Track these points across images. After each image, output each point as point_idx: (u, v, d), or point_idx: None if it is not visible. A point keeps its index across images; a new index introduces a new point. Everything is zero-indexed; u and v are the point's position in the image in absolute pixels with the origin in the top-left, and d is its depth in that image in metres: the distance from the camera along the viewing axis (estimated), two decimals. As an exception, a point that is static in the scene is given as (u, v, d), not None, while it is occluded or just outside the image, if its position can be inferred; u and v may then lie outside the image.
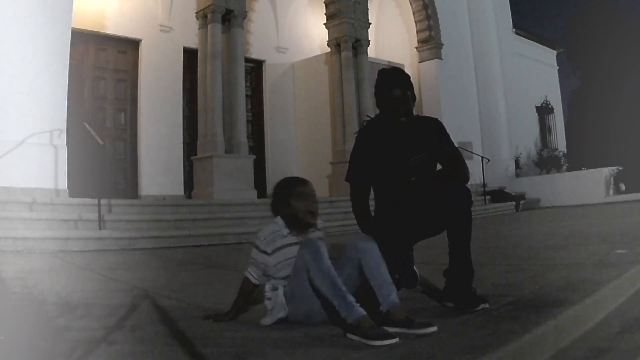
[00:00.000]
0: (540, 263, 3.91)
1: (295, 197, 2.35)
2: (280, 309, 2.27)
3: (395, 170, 2.52)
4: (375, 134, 2.58)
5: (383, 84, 2.59)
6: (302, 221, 2.36)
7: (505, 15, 16.59)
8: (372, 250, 2.25)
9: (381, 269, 2.22)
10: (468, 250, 2.40)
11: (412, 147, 2.53)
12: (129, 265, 4.97)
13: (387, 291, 2.18)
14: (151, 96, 9.86)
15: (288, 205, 2.36)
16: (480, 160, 12.86)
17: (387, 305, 2.15)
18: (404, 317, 2.09)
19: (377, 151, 2.54)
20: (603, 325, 2.39)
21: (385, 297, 2.17)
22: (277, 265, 2.33)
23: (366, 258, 2.23)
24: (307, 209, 2.35)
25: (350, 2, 11.52)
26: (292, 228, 2.38)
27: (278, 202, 2.40)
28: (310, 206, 2.36)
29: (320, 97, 11.79)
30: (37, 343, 2.06)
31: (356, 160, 2.56)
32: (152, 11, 10.06)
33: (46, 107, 6.97)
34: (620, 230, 5.94)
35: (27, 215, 6.21)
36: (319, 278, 2.14)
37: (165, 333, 2.23)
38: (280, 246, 2.34)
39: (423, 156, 2.52)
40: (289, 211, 2.36)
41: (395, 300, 2.16)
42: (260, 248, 2.36)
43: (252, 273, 2.38)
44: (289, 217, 2.38)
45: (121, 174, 9.71)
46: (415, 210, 2.44)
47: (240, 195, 8.77)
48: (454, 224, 2.37)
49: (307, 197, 2.36)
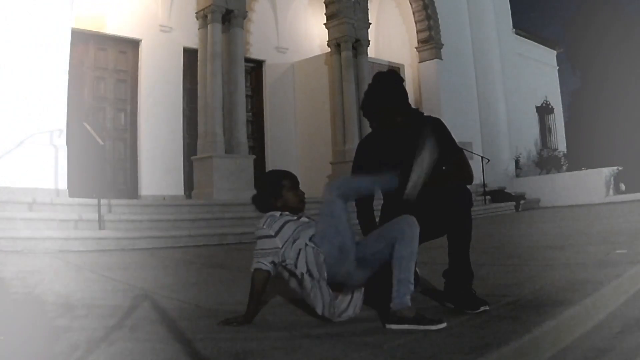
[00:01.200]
0: (540, 263, 3.91)
1: (286, 189, 2.43)
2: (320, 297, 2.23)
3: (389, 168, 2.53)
4: (371, 144, 2.65)
5: (365, 100, 2.60)
6: (293, 209, 2.43)
7: (505, 15, 16.59)
8: (412, 236, 2.19)
9: (411, 263, 2.19)
10: (467, 253, 2.40)
11: (410, 151, 2.51)
12: (129, 265, 4.97)
13: (405, 290, 2.15)
14: (151, 96, 9.86)
15: (280, 197, 2.43)
16: (480, 160, 12.86)
17: (399, 305, 2.13)
18: (414, 315, 2.10)
19: (374, 159, 2.59)
20: (603, 325, 2.39)
21: (401, 295, 2.14)
22: (284, 245, 2.29)
23: (403, 242, 2.17)
24: (298, 197, 2.45)
25: (350, 2, 11.52)
26: (290, 211, 2.44)
27: (270, 196, 2.44)
28: (300, 195, 2.46)
29: (320, 97, 11.79)
30: (37, 343, 2.06)
31: (354, 171, 2.65)
32: (152, 11, 10.06)
33: (46, 107, 6.96)
34: (620, 230, 5.94)
35: (27, 215, 6.20)
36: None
37: (165, 333, 2.23)
38: (280, 225, 2.33)
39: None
40: (282, 202, 2.42)
41: (408, 303, 2.14)
42: (262, 235, 2.31)
43: (262, 261, 2.29)
44: (280, 209, 2.41)
45: (121, 174, 9.71)
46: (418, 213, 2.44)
47: (240, 195, 8.76)
48: (454, 226, 2.37)
49: (295, 186, 2.46)
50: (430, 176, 2.35)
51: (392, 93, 2.54)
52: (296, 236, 2.31)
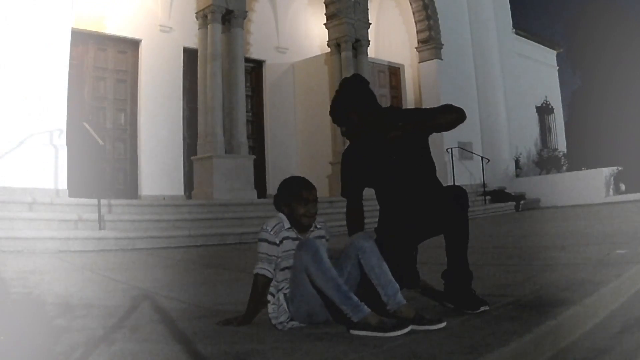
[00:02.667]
0: (540, 263, 3.91)
1: (296, 199, 2.35)
2: (282, 312, 2.26)
3: (379, 172, 2.55)
4: (353, 150, 2.66)
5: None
6: (297, 222, 2.36)
7: (505, 15, 16.58)
8: (371, 248, 2.25)
9: (382, 267, 2.23)
10: (465, 254, 2.39)
11: (386, 146, 2.52)
12: (129, 265, 4.97)
13: (392, 290, 2.18)
14: (151, 96, 9.86)
15: (288, 205, 2.36)
16: (480, 160, 12.86)
17: (395, 305, 2.15)
18: (414, 315, 2.10)
19: (359, 163, 2.61)
20: (603, 325, 2.39)
21: (391, 296, 2.17)
22: (281, 255, 2.31)
23: (365, 256, 2.24)
24: (303, 213, 2.34)
25: (350, 2, 11.52)
26: (293, 225, 2.37)
27: (280, 199, 2.41)
28: (308, 211, 2.35)
29: (320, 97, 11.77)
30: (37, 343, 2.06)
31: (346, 181, 2.67)
32: (152, 11, 10.06)
33: (46, 107, 6.96)
34: (620, 230, 5.94)
35: (27, 215, 6.21)
36: (319, 278, 2.14)
37: (165, 333, 2.23)
38: (284, 237, 2.33)
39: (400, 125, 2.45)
40: (288, 210, 2.37)
41: (402, 300, 2.16)
42: (269, 240, 2.31)
43: (265, 267, 2.30)
44: (288, 216, 2.39)
45: (121, 174, 9.71)
46: (413, 212, 2.44)
47: (240, 195, 8.77)
48: (451, 227, 2.37)
49: (307, 202, 2.35)
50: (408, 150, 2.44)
51: (356, 95, 2.55)
52: (291, 254, 2.31)
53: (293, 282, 2.25)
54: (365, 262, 2.23)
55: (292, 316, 2.25)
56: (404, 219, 2.48)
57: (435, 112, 2.50)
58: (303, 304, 2.23)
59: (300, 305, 2.24)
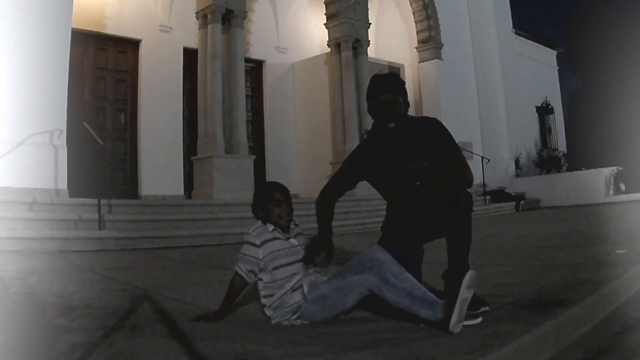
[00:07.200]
0: (540, 263, 3.91)
1: (270, 202, 2.46)
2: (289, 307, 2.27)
3: (392, 177, 2.53)
4: (371, 143, 2.64)
5: (370, 89, 2.61)
6: (275, 224, 2.45)
7: (505, 15, 16.59)
8: (391, 260, 2.22)
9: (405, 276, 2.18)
10: (466, 255, 2.38)
11: (408, 152, 2.51)
12: (129, 265, 4.97)
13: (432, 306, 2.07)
14: (151, 96, 9.86)
15: (264, 209, 2.46)
16: (480, 160, 12.86)
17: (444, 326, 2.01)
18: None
19: (372, 160, 2.60)
20: (603, 325, 2.39)
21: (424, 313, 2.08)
22: (265, 258, 2.38)
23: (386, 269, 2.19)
24: (279, 214, 2.44)
25: (350, 2, 11.52)
26: (275, 226, 2.46)
27: (256, 206, 2.50)
28: (283, 211, 2.45)
29: (320, 97, 11.79)
30: (37, 343, 2.05)
31: (349, 168, 2.67)
32: (152, 11, 10.06)
33: (46, 107, 6.96)
34: (620, 230, 5.94)
35: (27, 215, 6.20)
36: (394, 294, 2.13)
37: (165, 333, 2.22)
38: (267, 239, 2.41)
39: (421, 162, 2.48)
40: (265, 214, 2.46)
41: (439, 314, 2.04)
42: (249, 241, 2.42)
43: (241, 267, 2.42)
44: (267, 220, 2.47)
45: (121, 174, 9.71)
46: (417, 214, 2.43)
47: (240, 195, 8.76)
48: (453, 228, 2.36)
49: (280, 203, 2.45)
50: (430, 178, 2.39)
51: (398, 82, 2.62)
52: (277, 255, 2.36)
53: (336, 290, 2.25)
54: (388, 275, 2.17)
55: (303, 313, 2.27)
56: (410, 220, 2.48)
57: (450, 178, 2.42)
58: (327, 311, 2.26)
59: (323, 310, 2.26)
